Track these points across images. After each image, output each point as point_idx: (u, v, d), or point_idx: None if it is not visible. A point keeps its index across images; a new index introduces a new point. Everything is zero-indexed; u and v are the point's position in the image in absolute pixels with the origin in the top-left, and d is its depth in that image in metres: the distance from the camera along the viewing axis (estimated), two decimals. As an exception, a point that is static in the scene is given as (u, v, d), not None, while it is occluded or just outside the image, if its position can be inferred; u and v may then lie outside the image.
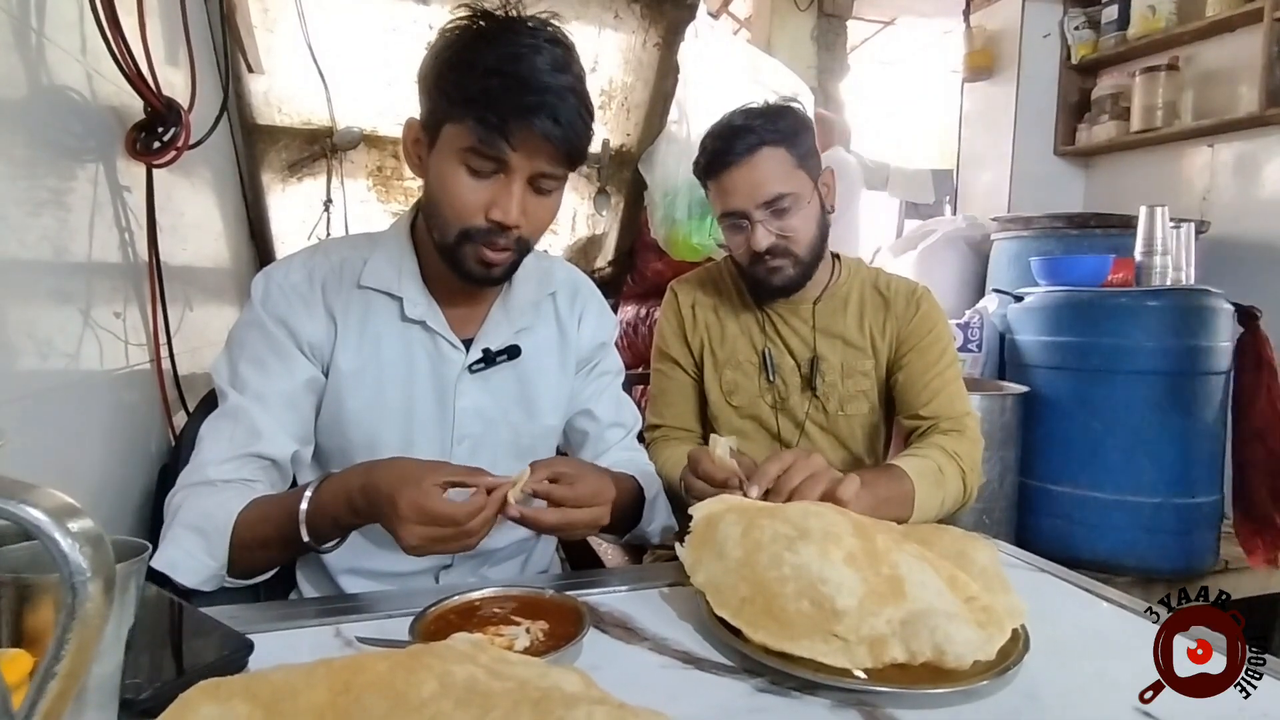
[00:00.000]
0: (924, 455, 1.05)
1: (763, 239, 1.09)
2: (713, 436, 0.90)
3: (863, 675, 0.58)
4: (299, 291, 0.90)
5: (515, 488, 0.74)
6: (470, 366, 0.92)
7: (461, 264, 0.85)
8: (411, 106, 0.88)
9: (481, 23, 0.80)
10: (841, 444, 1.21)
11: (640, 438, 1.13)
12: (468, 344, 0.93)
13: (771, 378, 1.20)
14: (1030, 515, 2.18)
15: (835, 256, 1.23)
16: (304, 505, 0.77)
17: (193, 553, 0.78)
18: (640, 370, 1.90)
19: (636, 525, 0.98)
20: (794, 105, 1.15)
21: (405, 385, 0.92)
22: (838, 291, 1.20)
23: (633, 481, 0.96)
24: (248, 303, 0.91)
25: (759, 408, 1.22)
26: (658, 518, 1.00)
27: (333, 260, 0.93)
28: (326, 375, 0.91)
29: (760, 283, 1.16)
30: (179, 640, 0.63)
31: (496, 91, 0.77)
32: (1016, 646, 0.62)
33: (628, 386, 1.13)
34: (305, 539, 0.77)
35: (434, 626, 0.65)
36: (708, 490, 0.87)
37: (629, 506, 0.95)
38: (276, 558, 0.83)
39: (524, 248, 0.87)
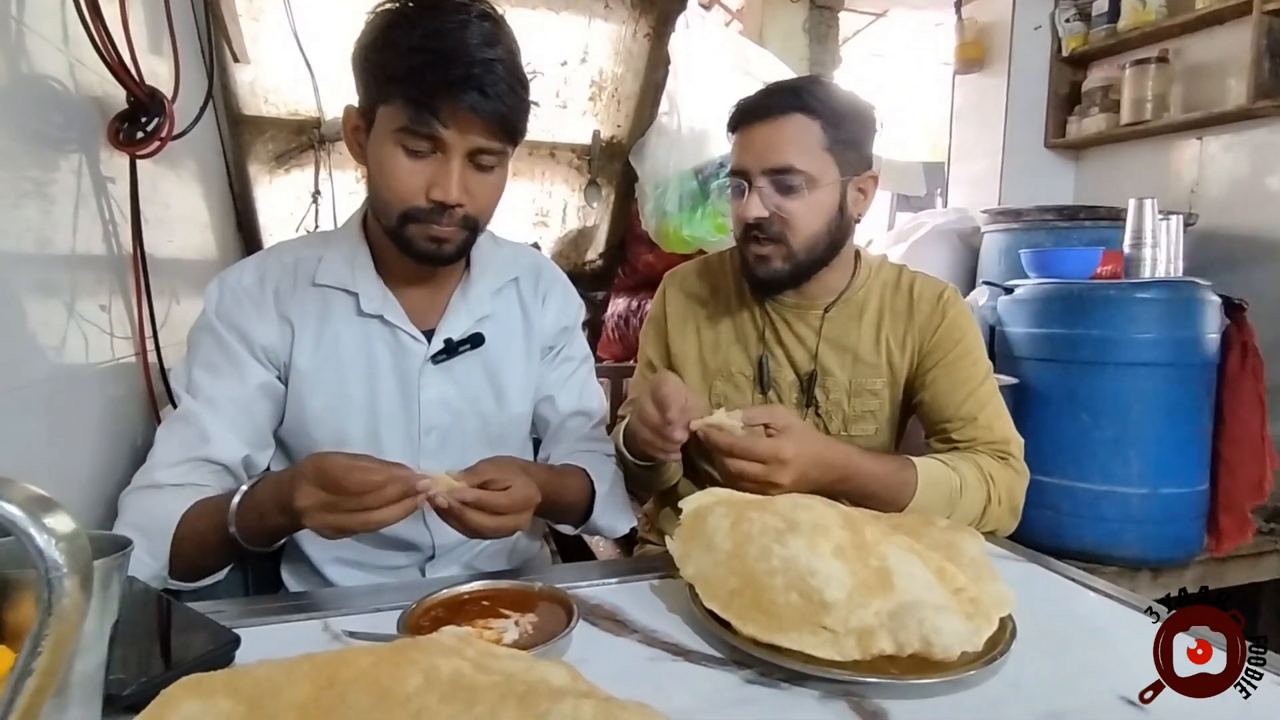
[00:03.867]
0: (948, 464, 0.96)
1: (753, 208, 0.98)
2: (720, 411, 0.86)
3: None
4: (251, 295, 0.90)
5: (437, 484, 0.71)
6: (433, 357, 0.92)
7: (411, 245, 0.85)
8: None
9: (410, 2, 0.80)
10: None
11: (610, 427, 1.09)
12: (429, 335, 0.93)
13: (765, 391, 1.09)
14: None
15: (856, 255, 1.11)
16: (235, 499, 0.76)
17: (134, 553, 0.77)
18: (631, 364, 1.89)
19: (589, 519, 0.96)
20: (863, 100, 1.04)
21: (368, 381, 0.91)
22: (854, 298, 1.07)
23: (581, 477, 0.94)
24: (203, 309, 0.91)
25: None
26: (609, 512, 0.96)
27: (285, 261, 0.93)
28: (285, 379, 0.91)
29: (747, 269, 1.05)
30: (165, 635, 0.63)
31: (422, 68, 0.77)
32: (1004, 636, 0.63)
33: (618, 379, 1.12)
34: (231, 530, 0.75)
35: (422, 621, 0.65)
36: (645, 434, 0.85)
37: (575, 503, 0.93)
38: (214, 559, 0.80)
39: (472, 226, 0.86)
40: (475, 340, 0.93)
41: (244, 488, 0.77)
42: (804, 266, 1.02)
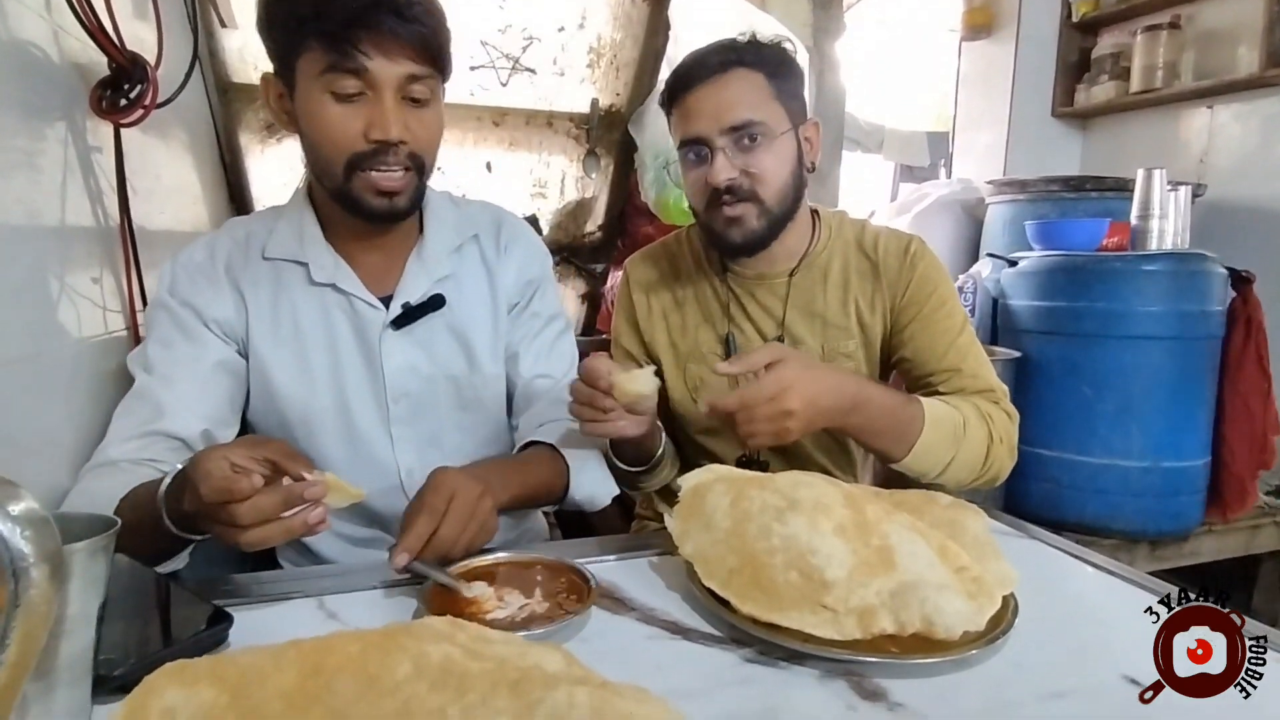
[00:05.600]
0: (951, 404, 0.93)
1: (722, 170, 0.94)
2: (635, 370, 0.81)
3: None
4: (203, 271, 0.88)
5: (325, 491, 0.62)
6: (392, 323, 0.89)
7: (359, 201, 0.82)
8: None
9: None
10: (826, 433, 1.07)
11: None
12: (388, 301, 0.90)
13: None
14: (1020, 480, 2.19)
15: (815, 214, 1.07)
16: (165, 481, 0.67)
17: None
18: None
19: (566, 495, 0.91)
20: (784, 43, 1.01)
21: (329, 352, 0.90)
22: (816, 261, 1.05)
23: (548, 458, 0.89)
24: (157, 289, 0.89)
25: None
26: (586, 484, 0.91)
27: (237, 236, 0.91)
28: (245, 355, 0.89)
29: (719, 237, 1.00)
30: (157, 616, 0.62)
31: (331, 1, 0.75)
32: (1006, 615, 0.62)
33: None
34: (164, 519, 0.66)
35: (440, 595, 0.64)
36: (577, 409, 0.82)
37: (546, 485, 0.88)
38: (149, 545, 0.69)
39: (419, 166, 0.84)
40: (435, 302, 0.91)
41: (177, 466, 0.67)
42: (778, 220, 0.99)
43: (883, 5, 4.32)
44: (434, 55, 0.80)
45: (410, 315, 0.90)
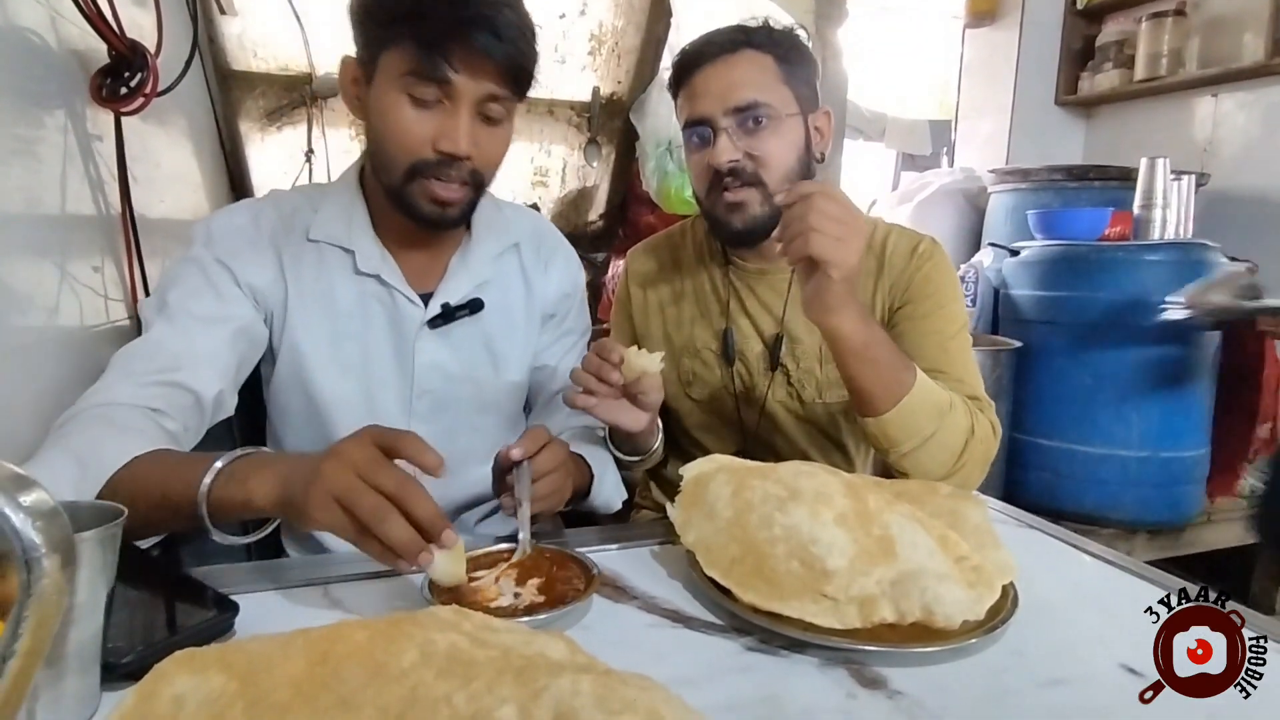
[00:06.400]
0: (939, 383, 0.90)
1: (725, 151, 0.92)
2: (633, 349, 0.81)
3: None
4: (245, 234, 0.86)
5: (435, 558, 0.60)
6: (429, 322, 0.89)
7: (414, 206, 0.81)
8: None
9: None
10: (821, 432, 1.06)
11: None
12: (427, 299, 0.90)
13: (731, 364, 1.05)
14: (1019, 469, 2.20)
15: None
16: (220, 462, 0.63)
17: (57, 482, 0.63)
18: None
19: (586, 497, 0.92)
20: (798, 30, 0.99)
21: (362, 341, 0.89)
22: None
23: (577, 460, 0.89)
24: (188, 247, 0.85)
25: (722, 400, 1.07)
26: (604, 491, 0.92)
27: (283, 209, 0.89)
28: (270, 326, 0.88)
29: (720, 223, 0.98)
30: (164, 603, 0.62)
31: (430, 7, 0.73)
32: (1006, 604, 0.62)
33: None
34: (200, 491, 0.62)
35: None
36: (583, 378, 0.82)
37: (576, 483, 0.87)
38: (153, 522, 0.66)
39: (478, 182, 0.83)
40: (474, 306, 0.91)
41: (235, 452, 0.64)
42: (781, 209, 0.97)
43: (886, -9, 4.28)
44: (519, 79, 0.79)
45: (447, 315, 0.90)
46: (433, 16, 0.73)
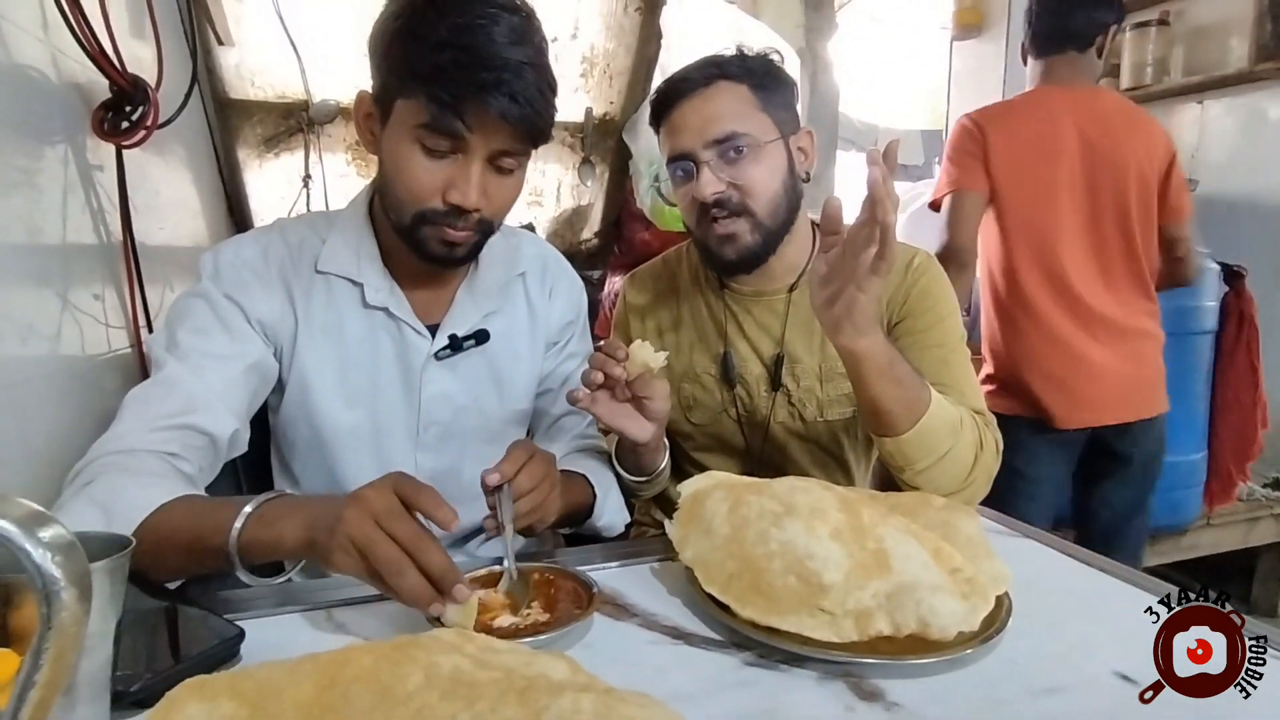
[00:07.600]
0: (949, 399, 0.90)
1: (708, 184, 0.93)
2: (636, 343, 0.81)
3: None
4: (253, 268, 0.86)
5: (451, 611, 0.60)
6: (437, 353, 0.90)
7: (422, 246, 0.82)
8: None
9: None
10: (823, 449, 1.06)
11: None
12: (434, 330, 0.91)
13: (732, 387, 1.05)
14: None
15: (815, 227, 1.03)
16: (249, 507, 0.65)
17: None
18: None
19: (588, 518, 0.93)
20: (772, 55, 1.00)
21: (370, 372, 0.90)
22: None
23: (581, 481, 0.91)
24: (195, 280, 0.86)
25: (722, 424, 1.08)
26: (608, 512, 0.94)
27: (290, 241, 0.89)
28: (279, 359, 0.88)
29: (713, 255, 0.99)
30: (169, 631, 0.63)
31: (449, 67, 0.72)
32: (1000, 614, 0.63)
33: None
34: (230, 536, 0.64)
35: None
36: (587, 373, 0.81)
37: (579, 505, 0.90)
38: (182, 567, 0.69)
39: (486, 229, 0.84)
40: (480, 336, 0.92)
41: (261, 496, 0.67)
42: (772, 234, 0.98)
43: (874, 4, 4.34)
44: (534, 137, 0.79)
45: (454, 346, 0.90)
46: (450, 79, 0.73)
